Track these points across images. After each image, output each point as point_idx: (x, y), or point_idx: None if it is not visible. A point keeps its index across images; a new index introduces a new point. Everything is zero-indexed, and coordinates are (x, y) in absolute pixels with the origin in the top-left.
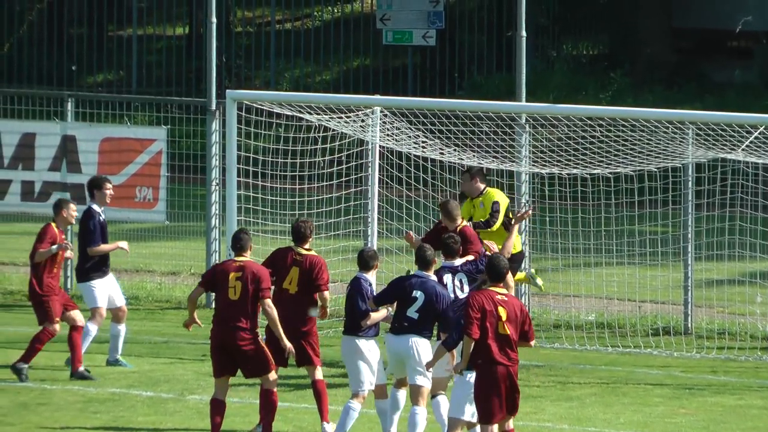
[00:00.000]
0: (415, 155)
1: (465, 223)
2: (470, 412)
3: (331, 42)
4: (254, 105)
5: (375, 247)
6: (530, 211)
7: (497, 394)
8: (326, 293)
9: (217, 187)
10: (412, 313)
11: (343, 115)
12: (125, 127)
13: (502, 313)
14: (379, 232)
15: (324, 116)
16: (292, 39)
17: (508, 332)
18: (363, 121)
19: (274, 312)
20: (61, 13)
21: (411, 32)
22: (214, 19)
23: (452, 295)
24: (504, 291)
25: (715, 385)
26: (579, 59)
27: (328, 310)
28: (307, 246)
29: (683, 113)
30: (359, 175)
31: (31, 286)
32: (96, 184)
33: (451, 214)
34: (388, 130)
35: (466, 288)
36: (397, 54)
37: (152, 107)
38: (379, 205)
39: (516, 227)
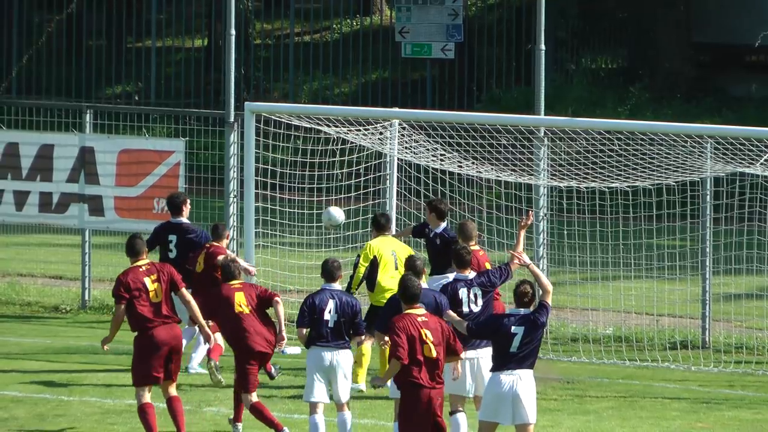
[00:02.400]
0: (433, 168)
1: (476, 247)
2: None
3: (350, 55)
4: (272, 117)
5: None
6: (531, 218)
7: (423, 419)
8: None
9: (235, 199)
10: None
11: (361, 128)
12: (143, 138)
13: (428, 335)
14: None
15: (342, 129)
16: (310, 51)
17: (434, 355)
18: (381, 133)
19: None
20: (79, 25)
21: (430, 45)
22: (233, 31)
23: (466, 309)
24: (423, 312)
25: (732, 399)
26: (598, 73)
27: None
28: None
29: (702, 127)
30: (377, 187)
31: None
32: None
33: (466, 233)
34: (406, 142)
35: (480, 302)
36: (416, 67)
37: (170, 119)
38: (396, 217)
39: (522, 235)
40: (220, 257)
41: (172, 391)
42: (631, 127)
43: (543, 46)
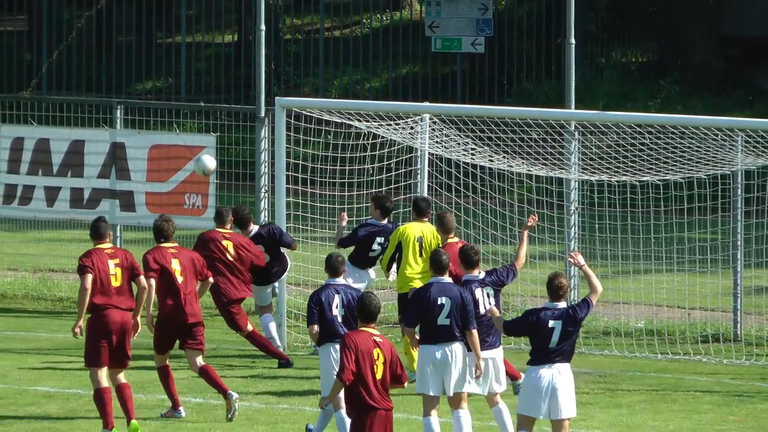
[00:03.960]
0: (464, 162)
1: (455, 239)
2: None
3: (380, 49)
4: (303, 112)
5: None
6: (535, 220)
7: None
8: None
9: (266, 194)
10: (443, 320)
11: (392, 122)
12: (174, 134)
13: (379, 354)
14: None
15: (373, 123)
16: (341, 46)
17: (382, 376)
18: (412, 128)
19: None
20: (109, 20)
21: (460, 39)
22: (263, 27)
23: (482, 310)
24: (378, 332)
25: (764, 392)
26: (628, 66)
27: None
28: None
29: (732, 120)
30: (408, 182)
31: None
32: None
33: (446, 226)
34: (437, 137)
35: (492, 301)
36: (446, 61)
37: (201, 115)
38: None
39: (525, 235)
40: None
41: (122, 378)
42: (662, 120)
43: (573, 40)
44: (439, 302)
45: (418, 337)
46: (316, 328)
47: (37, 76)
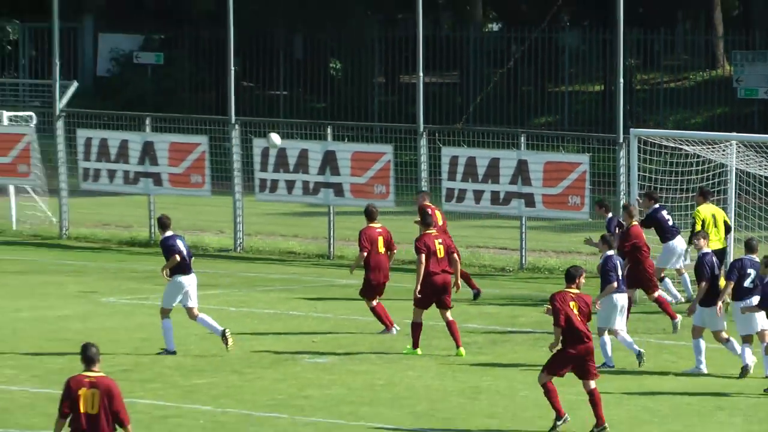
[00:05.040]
0: (759, 174)
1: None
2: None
3: (702, 96)
4: (649, 139)
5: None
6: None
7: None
8: None
9: (624, 196)
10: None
11: (709, 147)
12: (561, 153)
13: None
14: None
15: (696, 147)
16: (675, 94)
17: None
18: (723, 151)
19: None
20: (515, 75)
21: (757, 89)
22: (621, 80)
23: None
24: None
25: None
26: None
27: None
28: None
29: None
30: (721, 188)
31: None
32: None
33: (631, 213)
34: (741, 157)
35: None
36: (747, 105)
37: (578, 140)
38: (737, 210)
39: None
40: None
41: (449, 315)
42: None
43: None
44: (748, 271)
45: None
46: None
47: (466, 113)
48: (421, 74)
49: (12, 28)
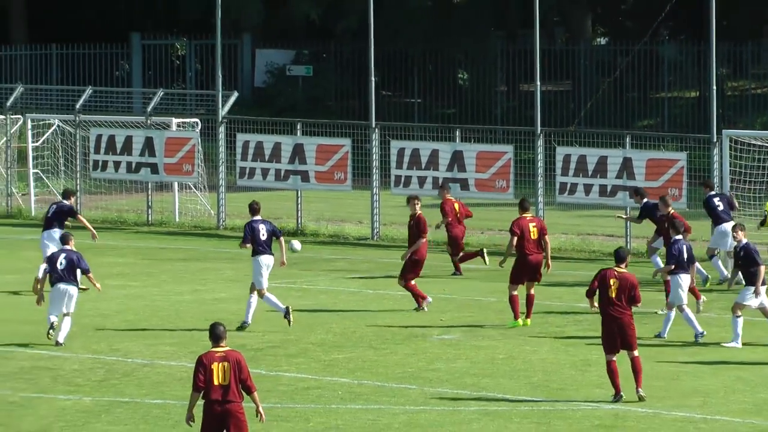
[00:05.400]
0: None
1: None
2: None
3: None
4: (739, 139)
5: None
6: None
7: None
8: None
9: (717, 188)
10: None
11: None
12: (660, 151)
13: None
14: None
15: None
16: (762, 99)
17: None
18: None
19: None
20: (621, 83)
21: None
22: (714, 87)
23: None
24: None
25: None
26: None
27: None
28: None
29: None
30: None
31: None
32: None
33: (667, 202)
34: None
35: None
36: None
37: (676, 140)
38: None
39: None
40: None
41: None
42: None
43: None
44: None
45: None
46: None
47: (578, 117)
48: (538, 83)
49: (180, 44)
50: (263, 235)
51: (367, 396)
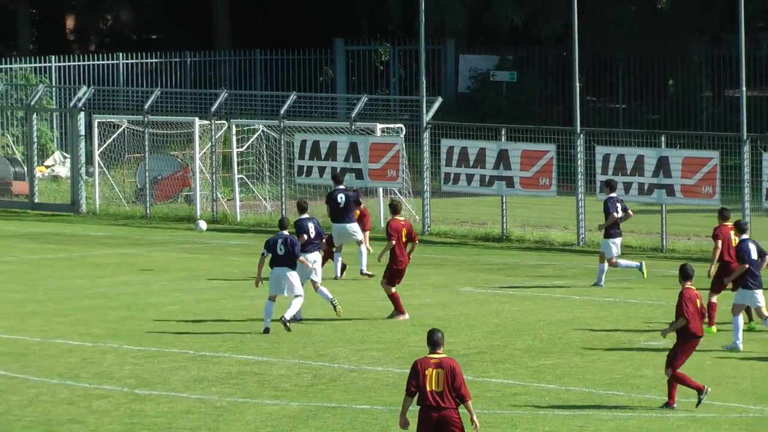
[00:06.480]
0: None
1: None
2: None
3: None
4: None
5: None
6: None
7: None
8: None
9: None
10: None
11: None
12: None
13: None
14: None
15: None
16: None
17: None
18: None
19: None
20: (692, 86)
21: None
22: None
23: None
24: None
25: None
26: None
27: None
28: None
29: None
30: None
31: None
32: None
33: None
34: None
35: None
36: None
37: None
38: None
39: None
40: None
41: None
42: None
43: None
44: None
45: None
46: None
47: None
48: (743, 88)
49: (384, 50)
50: (312, 232)
51: (574, 402)
